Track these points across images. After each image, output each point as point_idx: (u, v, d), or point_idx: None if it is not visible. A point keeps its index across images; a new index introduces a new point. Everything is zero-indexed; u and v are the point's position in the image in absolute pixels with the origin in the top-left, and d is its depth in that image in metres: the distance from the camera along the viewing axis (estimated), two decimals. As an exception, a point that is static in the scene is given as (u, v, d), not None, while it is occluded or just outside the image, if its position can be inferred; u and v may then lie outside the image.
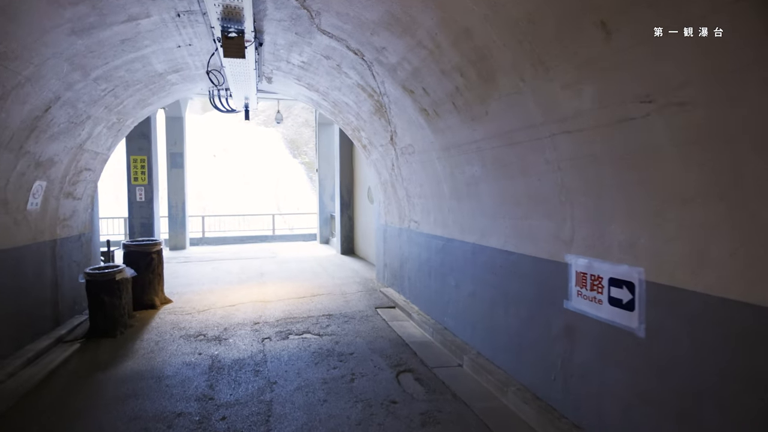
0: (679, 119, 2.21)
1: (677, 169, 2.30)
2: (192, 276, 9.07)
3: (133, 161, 10.39)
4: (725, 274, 2.13)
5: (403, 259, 6.89)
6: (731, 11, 1.86)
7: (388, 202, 7.36)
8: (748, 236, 2.02)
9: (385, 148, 6.55)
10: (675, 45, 2.09)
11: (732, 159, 2.03)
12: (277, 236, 16.61)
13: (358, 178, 11.31)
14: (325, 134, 14.65)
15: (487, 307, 4.44)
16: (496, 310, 4.27)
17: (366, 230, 10.66)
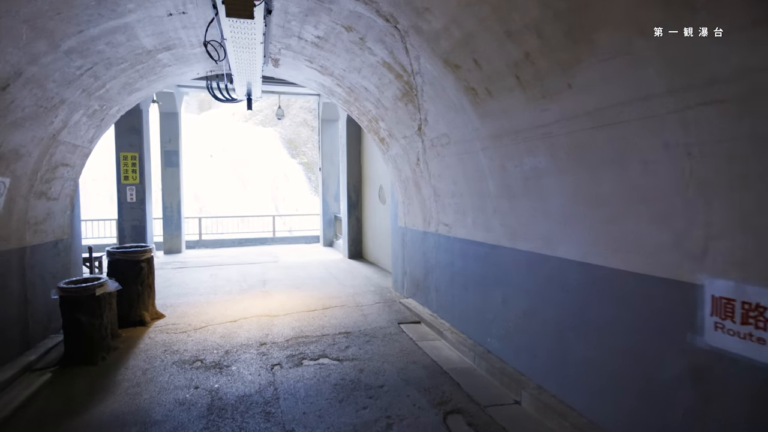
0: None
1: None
2: (188, 284, 8.12)
3: (123, 159, 9.45)
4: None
5: (428, 267, 6.00)
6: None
7: (409, 203, 6.46)
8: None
9: (409, 141, 5.65)
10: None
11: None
12: (277, 238, 15.66)
13: (367, 176, 10.41)
14: (328, 131, 13.73)
15: (552, 331, 3.55)
16: (566, 336, 3.38)
17: (376, 233, 9.76)
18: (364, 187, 10.65)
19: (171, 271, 9.45)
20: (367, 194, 10.45)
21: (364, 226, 10.66)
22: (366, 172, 10.39)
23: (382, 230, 9.29)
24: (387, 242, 8.98)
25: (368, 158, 10.25)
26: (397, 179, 6.69)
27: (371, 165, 10.02)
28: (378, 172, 9.50)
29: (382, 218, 9.32)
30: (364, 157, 10.54)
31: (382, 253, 9.34)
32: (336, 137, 13.85)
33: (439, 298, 5.69)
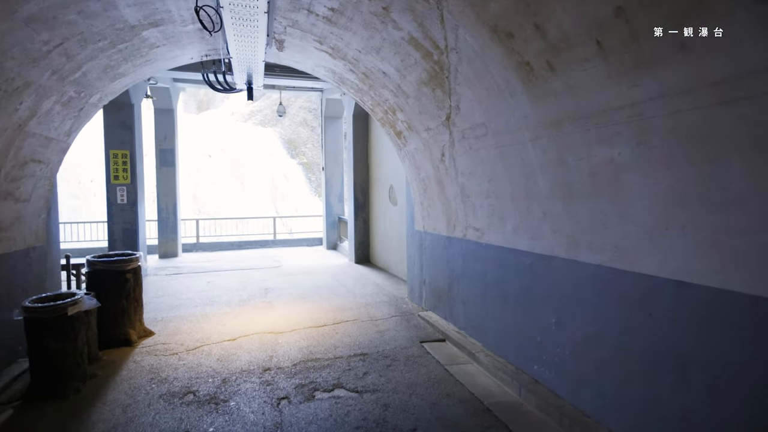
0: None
1: None
2: (182, 294, 7.35)
3: (113, 156, 8.69)
4: None
5: (453, 276, 5.24)
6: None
7: (429, 204, 5.71)
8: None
9: (432, 134, 4.90)
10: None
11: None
12: (278, 241, 14.88)
13: (375, 176, 9.65)
14: (332, 128, 12.97)
15: (635, 366, 2.80)
16: (661, 376, 2.63)
17: (386, 236, 9.00)
18: (371, 187, 9.89)
19: (165, 279, 8.67)
20: (375, 195, 9.69)
21: (371, 228, 9.90)
22: (374, 171, 9.64)
23: (393, 234, 8.54)
24: (398, 247, 8.23)
25: (377, 156, 9.49)
26: (414, 178, 5.94)
27: (380, 163, 9.27)
28: (388, 171, 8.75)
29: (392, 221, 8.56)
30: (372, 156, 9.78)
31: (393, 258, 8.59)
32: (339, 135, 13.09)
33: (467, 313, 4.94)
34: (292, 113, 34.14)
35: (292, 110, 34.07)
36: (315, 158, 32.38)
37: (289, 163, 31.48)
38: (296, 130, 34.05)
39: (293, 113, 34.10)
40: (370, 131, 9.76)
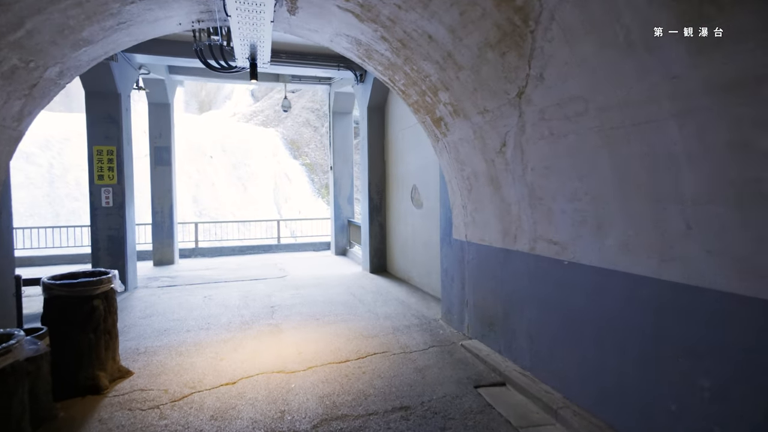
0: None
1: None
2: (174, 313, 6.15)
3: (97, 153, 7.49)
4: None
5: (512, 301, 4.04)
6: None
7: (476, 208, 4.52)
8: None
9: (491, 117, 3.71)
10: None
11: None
12: (282, 245, 13.69)
13: (393, 174, 8.45)
14: (341, 125, 11.78)
15: None
16: None
17: (407, 243, 7.80)
18: (388, 187, 8.69)
19: (156, 292, 7.46)
20: (393, 196, 8.49)
21: (389, 234, 8.69)
22: (392, 169, 8.44)
23: (417, 241, 7.34)
24: (424, 256, 7.03)
25: (396, 153, 8.29)
26: (455, 176, 4.74)
27: (400, 161, 8.07)
28: (410, 170, 7.55)
29: (416, 226, 7.36)
30: (389, 152, 8.58)
31: (418, 269, 7.38)
32: (349, 132, 11.90)
33: (536, 351, 3.74)
34: (295, 113, 32.99)
35: (294, 110, 32.93)
36: (318, 159, 31.24)
37: (291, 164, 30.31)
38: (299, 130, 32.87)
39: (296, 113, 32.94)
40: (387, 125, 8.57)
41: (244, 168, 28.50)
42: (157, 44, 7.64)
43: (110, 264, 7.54)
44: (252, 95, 38.49)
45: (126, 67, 7.73)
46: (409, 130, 7.44)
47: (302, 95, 33.17)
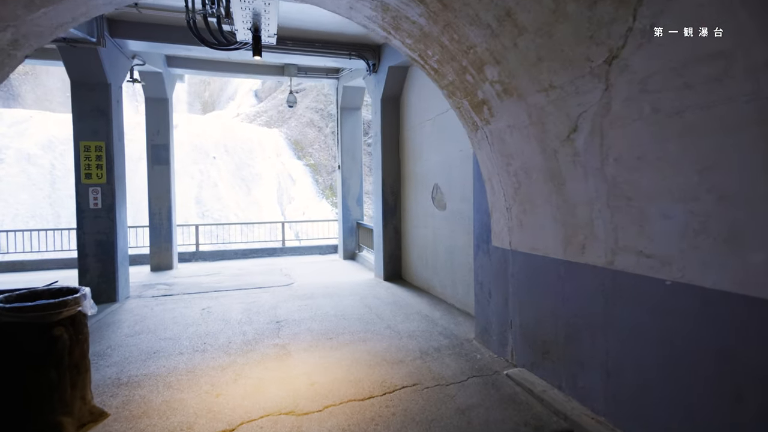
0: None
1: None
2: (166, 329, 5.32)
3: (84, 150, 6.67)
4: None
5: (580, 325, 3.20)
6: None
7: (524, 209, 3.68)
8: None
9: (558, 95, 2.87)
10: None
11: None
12: (287, 249, 12.87)
13: (410, 173, 7.61)
14: (349, 121, 10.96)
15: None
16: None
17: (427, 249, 6.95)
18: (404, 187, 7.85)
19: (149, 303, 6.63)
20: (409, 197, 7.65)
21: (405, 238, 7.84)
22: (408, 167, 7.59)
23: (439, 246, 6.49)
24: (448, 264, 6.18)
25: (413, 149, 7.45)
26: (498, 171, 3.90)
27: (418, 157, 7.23)
28: (431, 167, 6.71)
29: (438, 229, 6.52)
30: (405, 149, 7.74)
31: (440, 278, 6.54)
32: (358, 129, 11.08)
33: (616, 391, 2.89)
34: (299, 113, 32.24)
35: (298, 110, 32.17)
36: (322, 159, 30.50)
37: (295, 165, 29.55)
38: (303, 130, 32.09)
39: (300, 113, 32.18)
40: (403, 118, 7.73)
41: (247, 169, 27.77)
42: (151, 29, 6.83)
43: (99, 272, 6.72)
44: (255, 96, 37.79)
45: (116, 55, 6.91)
46: (430, 123, 6.61)
47: (306, 95, 32.41)
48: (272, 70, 10.44)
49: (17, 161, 22.62)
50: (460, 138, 5.62)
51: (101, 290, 6.71)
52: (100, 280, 6.72)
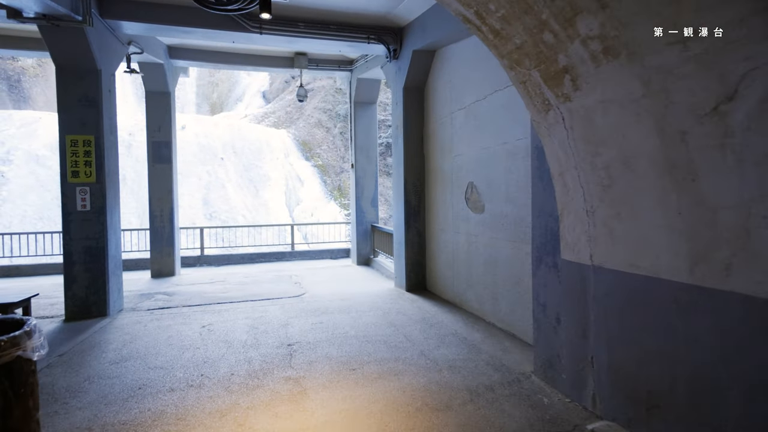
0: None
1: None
2: (158, 354, 4.42)
3: (71, 144, 5.78)
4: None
5: (720, 377, 2.23)
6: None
7: (619, 213, 2.73)
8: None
9: (702, 48, 1.92)
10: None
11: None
12: (296, 253, 11.97)
13: (436, 170, 6.66)
14: (364, 117, 10.03)
15: None
16: None
17: (458, 257, 6.00)
18: (429, 186, 6.89)
19: (143, 318, 5.73)
20: (436, 197, 6.70)
21: (431, 244, 6.87)
22: (435, 164, 6.64)
23: (475, 255, 5.53)
24: (488, 275, 5.22)
25: (440, 143, 6.51)
26: (576, 164, 2.95)
27: (447, 153, 6.29)
28: (464, 163, 5.76)
29: (473, 235, 5.56)
30: (431, 143, 6.79)
31: (477, 292, 5.57)
32: (373, 125, 10.15)
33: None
34: (307, 114, 31.47)
35: (306, 111, 31.42)
36: (330, 160, 29.70)
37: (303, 166, 28.75)
38: (311, 131, 31.30)
39: (308, 114, 31.40)
40: (429, 109, 6.78)
41: (255, 170, 27.01)
42: (147, 9, 5.95)
43: (87, 282, 5.83)
44: (263, 96, 37.14)
45: (108, 39, 6.04)
46: (463, 112, 5.66)
47: (314, 95, 31.63)
48: (281, 62, 9.56)
49: (26, 162, 21.99)
50: (506, 128, 4.68)
51: (90, 303, 5.82)
52: (88, 292, 5.83)
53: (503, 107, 4.69)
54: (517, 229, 4.48)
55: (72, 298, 5.80)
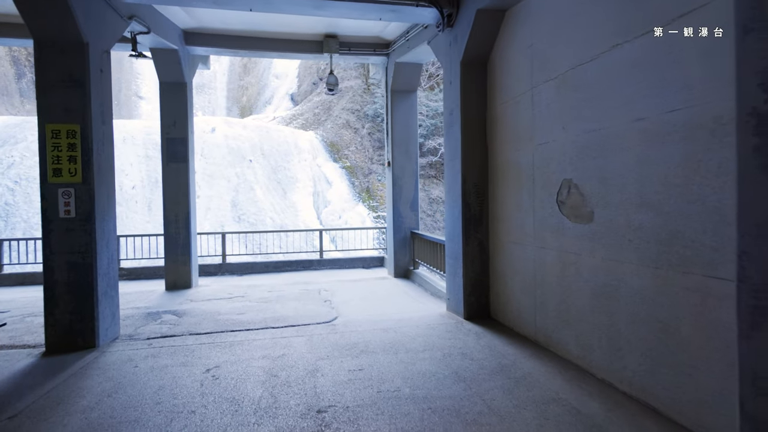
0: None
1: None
2: (138, 423, 3.03)
3: (52, 136, 4.50)
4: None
5: None
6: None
7: None
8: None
9: None
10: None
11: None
12: (325, 261, 10.58)
13: (506, 164, 5.07)
14: (402, 107, 8.54)
15: None
16: None
17: (546, 281, 4.37)
18: (497, 185, 5.30)
19: (137, 353, 4.40)
20: (505, 200, 5.10)
21: (498, 259, 5.26)
22: (505, 156, 5.04)
23: (576, 282, 3.90)
24: (602, 312, 3.57)
25: (512, 129, 4.90)
26: None
27: (525, 141, 4.68)
28: (554, 153, 4.13)
29: (572, 253, 3.93)
30: (498, 130, 5.20)
31: (580, 333, 3.93)
32: (413, 116, 8.64)
33: None
34: (334, 115, 30.34)
35: (334, 111, 30.30)
36: (359, 162, 28.42)
37: (331, 167, 27.58)
38: (339, 132, 30.13)
39: (335, 115, 30.26)
40: (496, 87, 5.18)
41: (283, 172, 26.02)
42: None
43: (71, 306, 4.56)
44: (291, 99, 36.42)
45: (99, 7, 4.77)
46: (553, 84, 4.05)
47: (342, 96, 30.44)
48: (309, 46, 8.19)
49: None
50: (641, 97, 3.05)
51: (75, 332, 4.55)
52: (72, 319, 4.56)
53: (634, 66, 3.07)
54: (664, 248, 2.85)
55: (53, 325, 4.55)
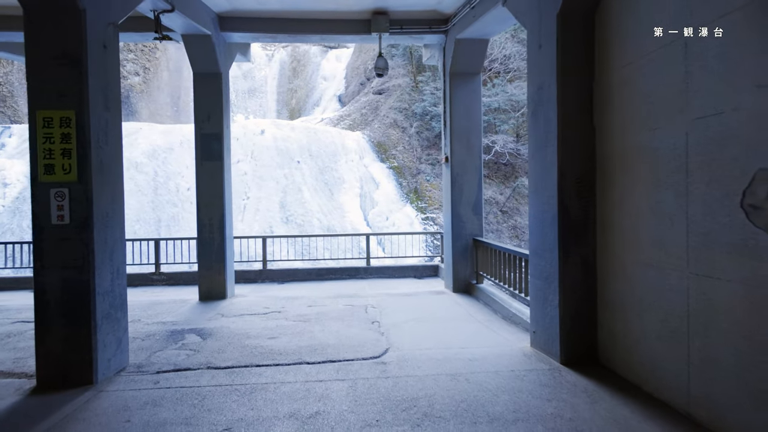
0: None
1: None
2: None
3: (44, 125, 3.64)
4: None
5: None
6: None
7: None
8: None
9: None
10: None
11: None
12: (372, 269, 9.37)
13: (627, 152, 3.54)
14: (462, 93, 7.12)
15: None
16: None
17: (713, 323, 2.82)
18: (612, 183, 3.77)
19: (135, 400, 3.37)
20: (626, 202, 3.57)
21: (614, 286, 3.71)
22: (626, 142, 3.50)
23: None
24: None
25: (640, 102, 3.36)
26: None
27: (664, 117, 3.14)
28: (733, 131, 2.58)
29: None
30: (614, 105, 3.67)
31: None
32: (476, 103, 7.19)
33: None
34: (381, 114, 29.29)
35: (381, 111, 29.27)
36: (406, 162, 27.19)
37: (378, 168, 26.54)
38: (386, 132, 29.05)
39: (383, 114, 29.20)
40: (610, 46, 3.64)
41: (330, 173, 25.36)
42: None
43: (64, 334, 3.64)
44: (339, 100, 36.02)
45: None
46: (733, 18, 2.49)
47: (390, 95, 29.35)
48: (356, 26, 7.00)
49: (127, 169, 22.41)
50: None
51: (68, 364, 3.63)
52: (66, 348, 3.64)
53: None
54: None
55: (44, 356, 3.65)
